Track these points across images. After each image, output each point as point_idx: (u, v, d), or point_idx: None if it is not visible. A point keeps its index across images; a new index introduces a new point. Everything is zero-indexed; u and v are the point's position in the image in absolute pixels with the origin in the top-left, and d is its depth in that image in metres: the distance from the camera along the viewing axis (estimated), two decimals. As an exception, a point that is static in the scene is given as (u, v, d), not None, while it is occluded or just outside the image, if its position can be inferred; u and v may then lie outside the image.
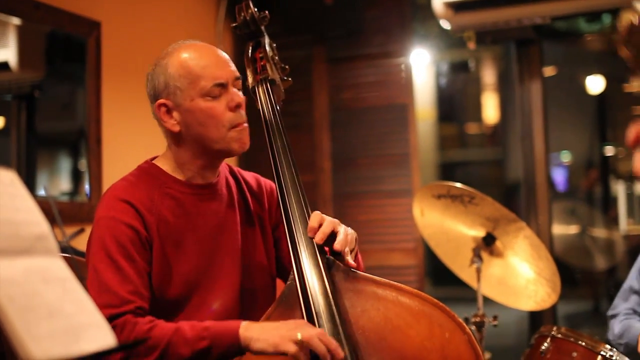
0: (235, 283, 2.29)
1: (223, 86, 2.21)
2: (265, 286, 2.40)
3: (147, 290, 2.12)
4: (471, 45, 5.20)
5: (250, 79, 2.49)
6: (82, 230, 2.05)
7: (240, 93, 2.26)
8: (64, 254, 1.38)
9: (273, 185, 2.46)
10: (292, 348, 1.90)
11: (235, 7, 2.54)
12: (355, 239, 2.25)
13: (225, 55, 2.29)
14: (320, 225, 2.16)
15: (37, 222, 1.32)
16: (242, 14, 2.51)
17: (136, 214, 2.14)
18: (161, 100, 2.21)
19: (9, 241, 1.21)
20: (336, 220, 2.21)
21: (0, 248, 1.18)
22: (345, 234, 2.17)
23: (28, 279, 1.21)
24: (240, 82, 2.29)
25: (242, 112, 2.25)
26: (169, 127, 2.22)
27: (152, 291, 2.14)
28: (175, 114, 2.21)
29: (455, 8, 4.73)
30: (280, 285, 2.50)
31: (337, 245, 2.13)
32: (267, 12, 2.53)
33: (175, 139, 2.26)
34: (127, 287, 2.05)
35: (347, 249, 2.15)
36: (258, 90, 2.45)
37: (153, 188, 2.23)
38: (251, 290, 2.34)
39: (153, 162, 2.33)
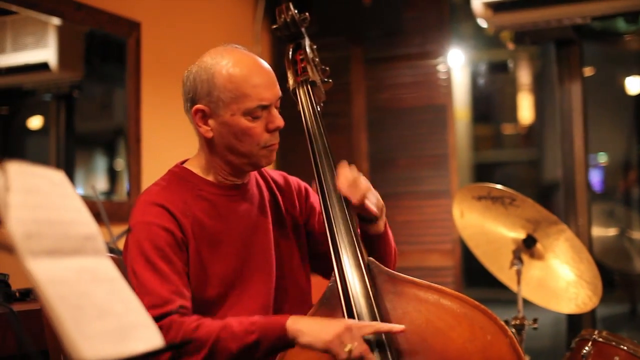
0: (269, 282, 2.30)
1: (266, 108, 2.20)
2: (299, 283, 2.41)
3: (188, 290, 2.13)
4: (510, 45, 5.17)
5: (291, 81, 2.49)
6: (129, 230, 2.05)
7: (280, 117, 2.25)
8: (110, 254, 1.38)
9: (300, 181, 2.53)
10: (343, 355, 1.90)
11: (276, 9, 2.54)
12: (383, 210, 2.30)
13: (272, 73, 2.27)
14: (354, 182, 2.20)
15: (86, 222, 1.33)
16: (283, 16, 2.51)
17: (171, 217, 2.16)
18: (199, 106, 2.20)
19: (60, 241, 1.22)
20: (368, 184, 2.25)
21: (51, 248, 1.19)
22: (377, 197, 2.24)
23: (78, 279, 1.21)
24: (279, 102, 2.28)
25: (277, 134, 2.26)
26: (202, 132, 2.23)
27: (190, 290, 2.16)
28: (210, 122, 2.21)
29: (495, 8, 4.69)
30: (315, 283, 2.51)
31: (371, 207, 2.19)
32: (307, 13, 2.52)
33: (207, 144, 2.27)
34: (169, 287, 2.07)
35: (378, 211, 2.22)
36: (299, 92, 2.45)
37: (185, 191, 2.25)
38: (285, 288, 2.36)
39: (184, 165, 2.34)
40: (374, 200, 2.23)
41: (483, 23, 4.86)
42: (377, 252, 2.30)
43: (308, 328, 1.97)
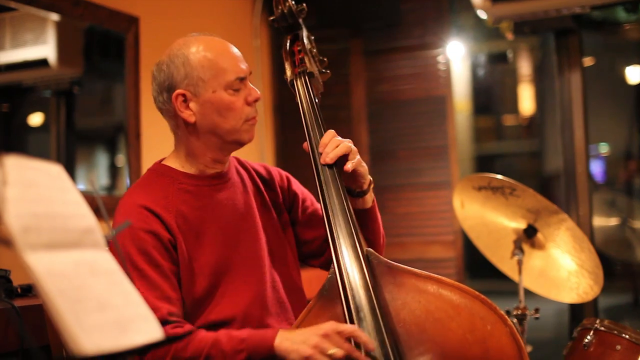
0: (261, 266, 2.31)
1: (243, 80, 2.25)
2: (289, 266, 2.43)
3: (176, 292, 2.15)
4: (509, 36, 5.16)
5: (288, 72, 2.51)
6: (128, 224, 2.07)
7: (256, 89, 2.30)
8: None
9: (281, 170, 2.55)
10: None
11: (273, 0, 2.55)
12: (371, 184, 2.37)
13: (239, 52, 2.32)
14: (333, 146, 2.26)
15: (84, 215, 1.33)
16: (280, 7, 2.52)
17: (154, 217, 2.17)
18: (180, 90, 2.23)
19: (58, 234, 1.22)
20: (354, 148, 2.28)
21: (49, 241, 1.19)
22: (365, 168, 2.31)
23: (77, 272, 1.21)
24: (251, 77, 2.32)
25: (255, 106, 2.29)
26: (185, 117, 2.24)
27: (182, 285, 2.17)
28: (192, 105, 2.23)
29: (494, -1, 4.69)
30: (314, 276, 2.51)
31: (348, 165, 2.23)
32: (304, 4, 2.53)
33: (189, 129, 2.28)
34: (155, 294, 2.08)
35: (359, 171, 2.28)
36: (296, 83, 2.46)
37: (166, 186, 2.26)
38: (277, 271, 2.37)
39: (162, 162, 2.36)
40: (364, 172, 2.31)
41: (482, 14, 4.85)
42: (365, 230, 2.33)
43: (292, 346, 1.98)
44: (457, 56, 5.86)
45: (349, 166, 2.23)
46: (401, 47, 5.59)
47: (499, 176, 3.22)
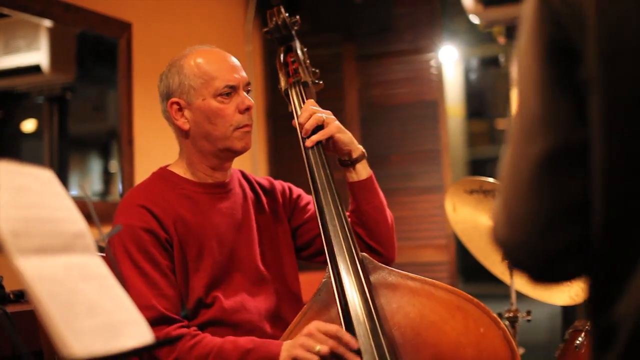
0: (256, 276, 2.34)
1: (234, 89, 2.29)
2: (286, 277, 2.45)
3: (174, 289, 2.18)
4: (501, 40, 5.17)
5: (282, 82, 2.55)
6: (118, 229, 2.09)
7: (250, 98, 2.34)
8: (100, 253, 1.39)
9: (285, 183, 2.57)
10: (315, 358, 1.96)
11: (267, 12, 2.60)
12: (363, 154, 2.43)
13: (238, 62, 2.37)
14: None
15: (74, 219, 1.33)
16: (274, 19, 2.57)
17: (152, 217, 2.20)
18: (174, 99, 2.30)
19: (49, 239, 1.22)
20: (329, 117, 2.35)
21: (40, 246, 1.19)
22: (351, 138, 2.38)
23: (68, 276, 1.22)
24: (249, 87, 2.37)
25: (250, 115, 2.32)
26: (180, 124, 2.30)
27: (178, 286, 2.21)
28: (186, 112, 2.29)
29: (485, 3, 4.70)
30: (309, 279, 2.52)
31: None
32: (298, 17, 2.58)
33: (185, 137, 2.33)
34: (154, 292, 2.12)
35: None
36: (291, 93, 2.49)
37: (167, 190, 2.30)
38: (273, 281, 2.39)
39: (167, 168, 2.40)
40: (346, 139, 2.35)
41: (474, 18, 4.86)
42: (365, 204, 2.39)
43: (284, 352, 2.01)
44: (449, 60, 5.88)
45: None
46: (394, 51, 5.61)
47: (490, 179, 3.23)
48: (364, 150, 2.42)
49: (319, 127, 2.33)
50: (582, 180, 1.08)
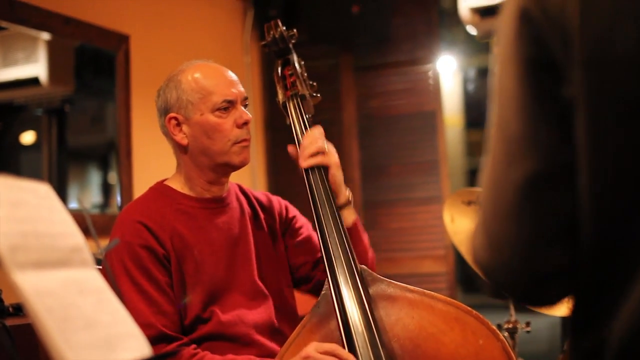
0: (252, 290, 2.34)
1: (232, 103, 2.30)
2: (283, 290, 2.46)
3: (172, 306, 2.19)
4: (499, 50, 5.17)
5: (280, 95, 2.56)
6: (116, 243, 2.11)
7: (248, 112, 2.34)
8: (98, 266, 1.39)
9: (282, 201, 2.58)
10: None
11: (264, 25, 2.60)
12: (350, 199, 2.41)
13: (235, 77, 2.38)
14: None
15: (72, 233, 1.33)
16: (272, 33, 2.58)
17: (149, 233, 2.21)
18: (172, 114, 2.30)
19: (46, 253, 1.22)
20: (333, 150, 2.38)
21: (37, 260, 1.19)
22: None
23: (65, 290, 1.21)
24: (246, 101, 2.37)
25: (248, 129, 2.33)
26: (178, 140, 2.31)
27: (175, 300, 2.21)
28: (184, 127, 2.30)
29: (482, 13, 4.70)
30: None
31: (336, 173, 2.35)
32: (295, 30, 2.59)
33: (183, 152, 2.34)
34: (152, 309, 2.13)
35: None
36: (289, 106, 2.50)
37: (164, 206, 2.30)
38: (270, 295, 2.39)
39: (164, 183, 2.40)
40: (338, 178, 2.36)
41: (471, 29, 4.87)
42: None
43: None
44: (448, 71, 5.87)
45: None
46: (391, 62, 5.61)
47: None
48: (350, 197, 2.42)
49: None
50: (566, 203, 1.06)
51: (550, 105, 1.06)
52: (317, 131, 2.38)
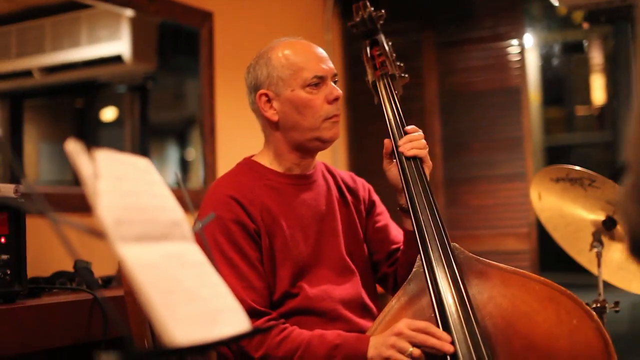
0: (341, 266, 2.36)
1: (322, 79, 2.32)
2: (367, 269, 2.47)
3: (262, 281, 2.21)
4: (585, 25, 5.07)
5: (370, 75, 2.57)
6: (213, 217, 2.14)
7: (338, 88, 2.36)
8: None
9: (367, 184, 2.60)
10: None
11: (353, 6, 2.62)
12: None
13: (325, 53, 2.39)
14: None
15: (172, 208, 1.34)
16: (360, 13, 2.60)
17: (240, 208, 2.23)
18: (262, 90, 2.32)
19: (149, 227, 1.23)
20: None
21: (140, 233, 1.20)
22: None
23: (167, 264, 1.22)
24: (336, 77, 2.40)
25: (338, 105, 2.36)
26: (269, 116, 2.32)
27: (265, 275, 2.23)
28: (275, 104, 2.32)
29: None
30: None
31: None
32: (383, 10, 2.59)
33: (273, 128, 2.36)
34: (243, 284, 2.16)
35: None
36: (379, 85, 2.52)
37: (253, 180, 2.33)
38: (358, 272, 2.41)
39: (252, 159, 2.43)
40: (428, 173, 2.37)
41: (555, 2, 4.77)
42: (411, 252, 2.31)
43: (375, 351, 2.03)
44: (530, 46, 5.78)
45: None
46: (474, 38, 5.53)
47: (578, 167, 3.17)
48: None
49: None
50: None
51: None
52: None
